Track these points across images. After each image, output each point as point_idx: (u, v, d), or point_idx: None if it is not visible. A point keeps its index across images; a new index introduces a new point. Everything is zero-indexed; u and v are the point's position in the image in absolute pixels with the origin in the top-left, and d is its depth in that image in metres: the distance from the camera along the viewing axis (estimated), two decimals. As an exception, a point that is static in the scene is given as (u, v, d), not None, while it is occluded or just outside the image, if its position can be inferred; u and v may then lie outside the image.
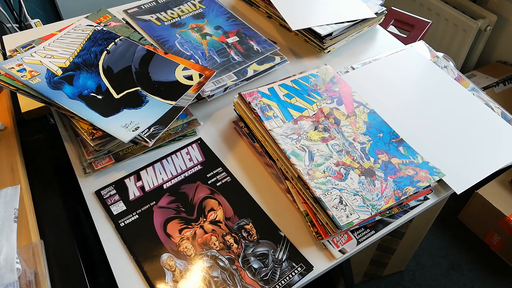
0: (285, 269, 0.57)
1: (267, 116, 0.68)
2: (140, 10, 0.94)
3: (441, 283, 1.39)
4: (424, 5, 1.69)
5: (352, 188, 0.61)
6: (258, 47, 0.86)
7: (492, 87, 1.57)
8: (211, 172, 0.68)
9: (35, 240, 0.59)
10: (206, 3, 0.97)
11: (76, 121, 0.67)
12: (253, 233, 0.60)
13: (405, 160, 0.66)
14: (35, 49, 0.76)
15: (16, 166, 0.68)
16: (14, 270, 0.53)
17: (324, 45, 0.89)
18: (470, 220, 1.51)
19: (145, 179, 0.67)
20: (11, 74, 0.68)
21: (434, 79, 0.82)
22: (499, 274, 1.41)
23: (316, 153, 0.65)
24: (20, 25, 1.66)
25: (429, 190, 0.65)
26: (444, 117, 0.75)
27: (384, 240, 1.11)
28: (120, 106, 0.68)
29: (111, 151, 0.68)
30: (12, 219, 0.60)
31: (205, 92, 0.76)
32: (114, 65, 0.74)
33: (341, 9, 0.92)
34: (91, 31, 0.80)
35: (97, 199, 0.64)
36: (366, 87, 0.80)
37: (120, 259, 0.58)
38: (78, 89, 0.69)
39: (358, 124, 0.71)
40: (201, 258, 0.57)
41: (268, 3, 0.96)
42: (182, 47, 0.84)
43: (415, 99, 0.78)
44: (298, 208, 0.63)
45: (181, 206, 0.63)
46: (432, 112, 0.76)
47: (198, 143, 0.73)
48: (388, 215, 0.63)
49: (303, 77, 0.77)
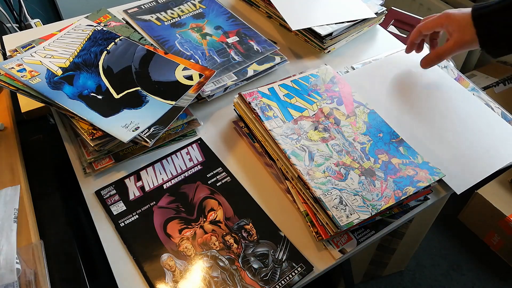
0: (285, 269, 0.57)
1: (267, 116, 0.68)
2: (140, 10, 0.94)
3: (441, 283, 1.39)
4: (424, 5, 1.69)
5: (352, 188, 0.61)
6: (258, 47, 0.86)
7: (492, 87, 1.57)
8: (211, 172, 0.68)
9: (35, 240, 0.59)
10: (206, 3, 0.97)
11: (76, 121, 0.66)
12: (253, 233, 0.60)
13: (405, 160, 0.66)
14: (35, 49, 0.76)
15: (16, 166, 0.68)
16: (14, 270, 0.53)
17: (324, 45, 0.89)
18: (470, 220, 1.51)
19: (145, 179, 0.67)
20: (11, 74, 0.68)
21: (434, 79, 0.82)
22: (499, 274, 1.41)
23: (316, 153, 0.65)
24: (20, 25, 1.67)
25: (429, 190, 0.65)
26: (444, 117, 0.75)
27: (384, 240, 1.11)
28: (120, 106, 0.68)
29: (111, 151, 0.68)
30: (12, 219, 0.59)
31: (205, 92, 0.76)
32: (114, 65, 0.74)
33: (341, 9, 0.92)
34: (91, 31, 0.80)
35: (97, 199, 0.64)
36: (366, 87, 0.80)
37: (120, 259, 0.58)
38: (78, 89, 0.69)
39: (358, 124, 0.71)
40: (201, 258, 0.57)
41: (268, 3, 0.96)
42: (182, 47, 0.84)
43: (415, 99, 0.78)
44: (298, 208, 0.63)
45: (181, 206, 0.63)
46: (432, 112, 0.76)
47: (198, 143, 0.73)
48: (388, 215, 0.63)
49: (303, 77, 0.77)
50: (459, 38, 0.69)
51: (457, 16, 0.70)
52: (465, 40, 0.69)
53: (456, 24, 0.70)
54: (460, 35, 0.69)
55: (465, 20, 0.68)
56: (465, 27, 0.68)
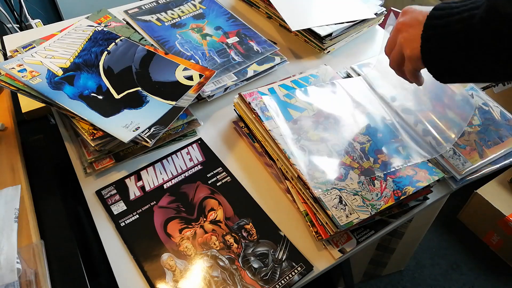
0: (285, 268, 0.57)
1: (267, 116, 0.69)
2: (140, 10, 0.95)
3: (441, 282, 1.39)
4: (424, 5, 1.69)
5: (352, 188, 0.61)
6: (258, 48, 0.86)
7: (491, 87, 1.57)
8: (211, 172, 0.68)
9: (35, 240, 0.59)
10: (206, 4, 0.97)
11: (76, 121, 0.67)
12: (253, 233, 0.60)
13: (404, 160, 0.66)
14: (35, 49, 0.76)
15: (16, 166, 0.69)
16: (15, 270, 0.53)
17: (324, 46, 0.89)
18: (470, 220, 1.51)
19: (146, 179, 0.67)
20: (11, 74, 0.68)
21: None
22: (498, 273, 1.41)
23: (316, 153, 0.65)
24: (21, 25, 1.67)
25: (428, 190, 0.65)
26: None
27: (384, 239, 1.11)
28: (120, 106, 0.68)
29: (111, 151, 0.68)
30: (12, 219, 0.60)
31: (205, 92, 0.76)
32: (114, 66, 0.75)
33: (340, 9, 0.92)
34: (92, 32, 0.80)
35: (97, 199, 0.64)
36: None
37: (120, 259, 0.58)
38: (78, 89, 0.69)
39: (358, 124, 0.71)
40: (201, 258, 0.57)
41: (268, 3, 0.96)
42: (183, 48, 0.85)
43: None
44: (298, 208, 0.63)
45: (181, 206, 0.63)
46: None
47: (198, 143, 0.73)
48: (387, 215, 0.63)
49: (303, 77, 0.77)
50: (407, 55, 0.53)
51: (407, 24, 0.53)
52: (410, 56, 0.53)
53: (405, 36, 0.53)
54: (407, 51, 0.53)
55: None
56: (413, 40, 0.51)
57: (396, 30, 0.55)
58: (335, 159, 0.65)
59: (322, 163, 0.64)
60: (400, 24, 0.54)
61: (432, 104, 0.76)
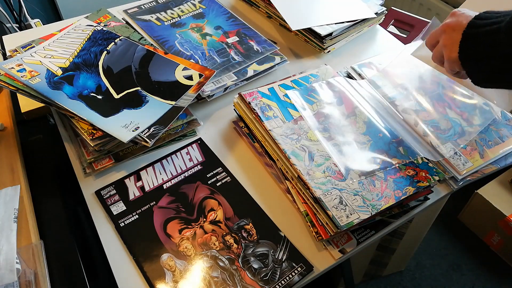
0: (285, 269, 0.57)
1: (267, 116, 0.68)
2: (140, 10, 0.94)
3: (441, 283, 1.39)
4: (424, 5, 1.69)
5: (352, 188, 0.61)
6: (258, 47, 0.86)
7: (492, 87, 1.57)
8: (211, 172, 0.68)
9: (35, 240, 0.59)
10: (206, 3, 0.97)
11: (76, 121, 0.67)
12: (253, 233, 0.60)
13: (405, 160, 0.66)
14: (35, 49, 0.76)
15: (16, 166, 0.68)
16: (14, 270, 0.53)
17: (324, 45, 0.89)
18: (470, 220, 1.51)
19: (145, 179, 0.67)
20: (11, 74, 0.68)
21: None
22: (499, 274, 1.41)
23: (316, 153, 0.65)
24: (20, 25, 1.67)
25: (429, 190, 0.65)
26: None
27: (384, 240, 1.11)
28: (120, 106, 0.68)
29: (111, 151, 0.68)
30: (12, 219, 0.60)
31: (205, 92, 0.76)
32: (114, 65, 0.74)
33: (341, 9, 0.92)
34: (91, 31, 0.80)
35: (97, 199, 0.64)
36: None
37: (120, 259, 0.58)
38: (78, 89, 0.69)
39: (358, 124, 0.71)
40: (201, 258, 0.57)
41: (268, 3, 0.96)
42: (182, 47, 0.84)
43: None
44: (298, 208, 0.63)
45: (181, 206, 0.63)
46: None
47: (198, 143, 0.73)
48: (388, 215, 0.63)
49: (303, 77, 0.77)
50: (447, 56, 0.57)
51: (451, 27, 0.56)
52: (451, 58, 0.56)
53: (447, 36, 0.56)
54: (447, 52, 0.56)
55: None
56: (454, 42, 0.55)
57: (441, 30, 0.58)
58: (366, 152, 0.65)
59: (322, 164, 0.64)
60: (446, 25, 0.57)
61: (433, 104, 0.76)
